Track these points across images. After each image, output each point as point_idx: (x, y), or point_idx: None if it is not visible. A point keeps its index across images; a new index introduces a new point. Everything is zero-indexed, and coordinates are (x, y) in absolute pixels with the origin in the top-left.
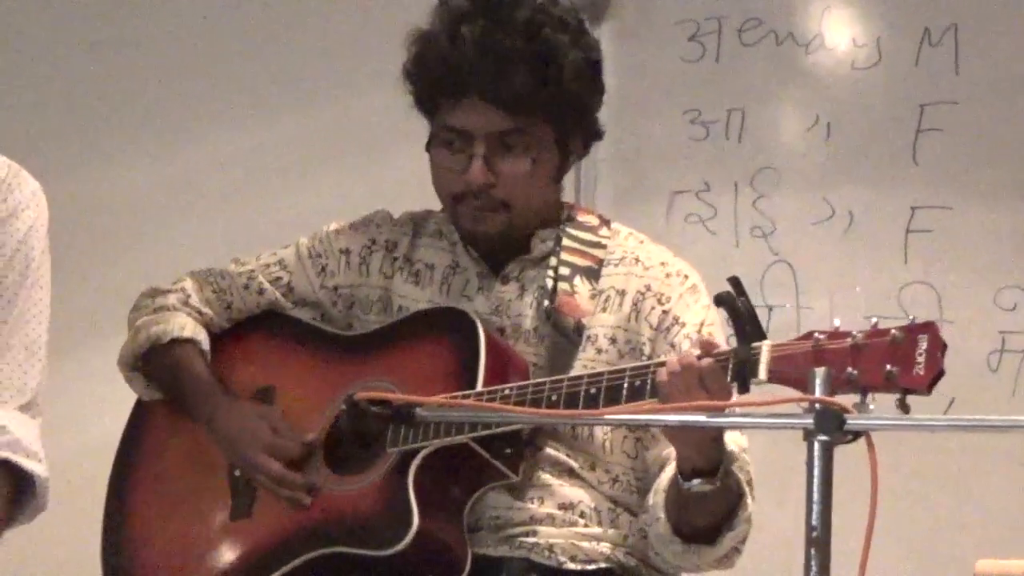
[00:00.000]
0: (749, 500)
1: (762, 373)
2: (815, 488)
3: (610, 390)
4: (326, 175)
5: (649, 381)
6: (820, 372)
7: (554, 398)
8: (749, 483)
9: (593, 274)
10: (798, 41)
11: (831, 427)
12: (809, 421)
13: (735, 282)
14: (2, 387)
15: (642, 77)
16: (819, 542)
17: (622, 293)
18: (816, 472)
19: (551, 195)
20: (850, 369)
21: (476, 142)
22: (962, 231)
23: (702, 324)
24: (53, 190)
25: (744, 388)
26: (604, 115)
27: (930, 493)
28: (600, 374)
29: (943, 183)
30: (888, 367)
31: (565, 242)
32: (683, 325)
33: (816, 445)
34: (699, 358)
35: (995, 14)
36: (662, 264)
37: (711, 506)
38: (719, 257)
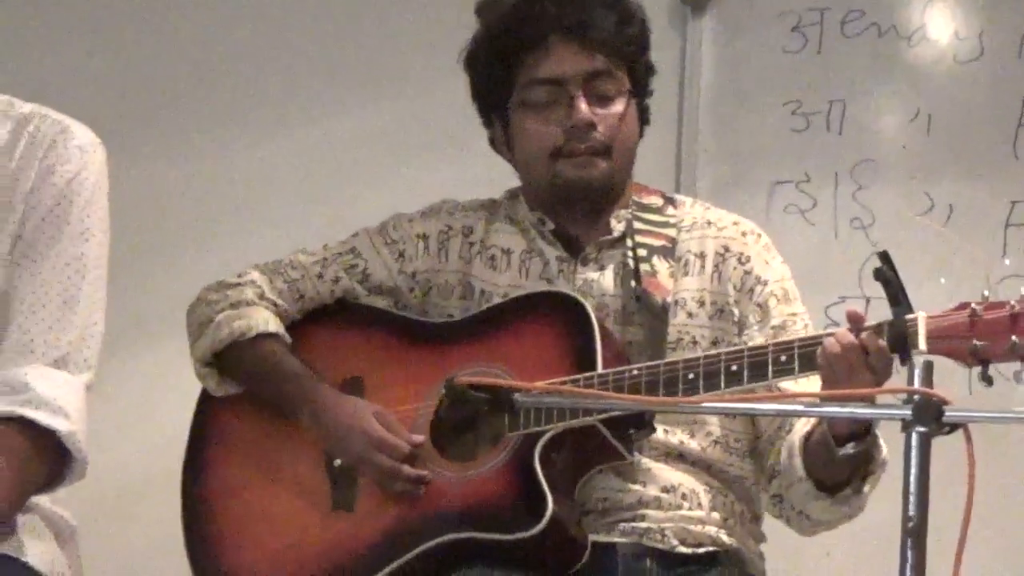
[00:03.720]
0: (882, 444)
1: (922, 343)
2: (912, 479)
3: (708, 375)
4: (391, 169)
5: (746, 366)
6: (920, 362)
7: (687, 377)
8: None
9: (669, 253)
10: (900, 33)
11: (929, 419)
12: (908, 412)
13: (885, 256)
14: (34, 341)
15: (744, 68)
16: (916, 533)
17: (701, 256)
18: (913, 463)
19: (634, 153)
20: (1014, 338)
21: (571, 85)
22: None
23: (782, 280)
24: (123, 183)
25: (905, 359)
26: (705, 106)
27: None
28: (704, 357)
29: None
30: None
31: (637, 225)
32: (765, 284)
33: (914, 436)
34: (856, 334)
35: None
36: (735, 224)
37: (858, 462)
38: (818, 248)
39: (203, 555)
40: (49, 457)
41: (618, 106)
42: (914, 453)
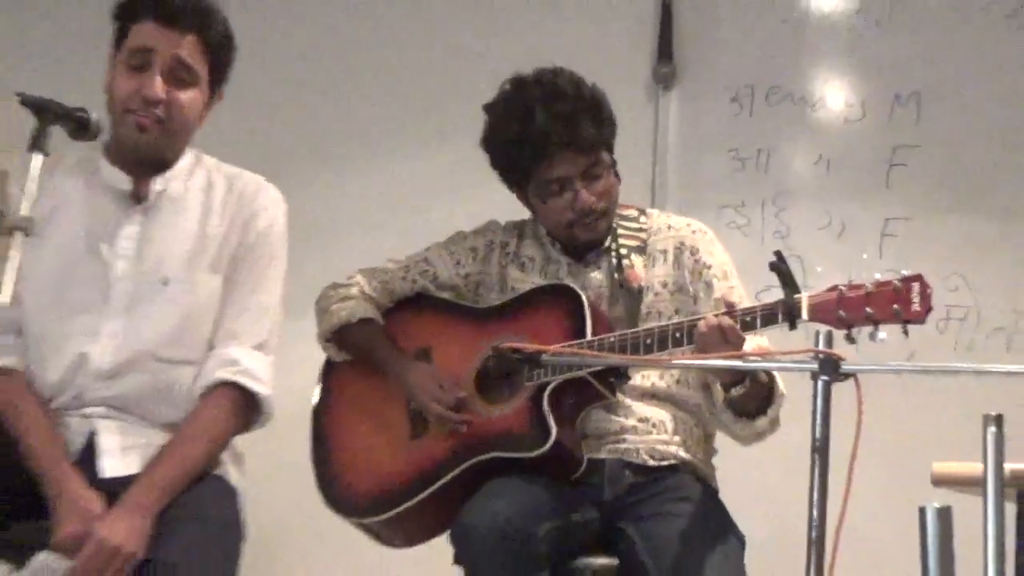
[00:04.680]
0: (779, 381)
1: (805, 315)
2: (818, 413)
3: (663, 338)
4: (451, 197)
5: (686, 332)
6: (823, 330)
7: (646, 342)
8: (775, 376)
9: (642, 250)
10: (807, 102)
11: (830, 370)
12: (814, 366)
13: (779, 255)
14: (243, 331)
15: (698, 126)
16: (821, 451)
17: (664, 252)
18: (819, 402)
19: (614, 193)
20: (868, 309)
21: (574, 179)
22: (921, 235)
23: (722, 264)
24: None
25: (793, 326)
26: (671, 152)
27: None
28: (661, 326)
29: (907, 201)
30: (894, 306)
31: (620, 232)
32: (709, 267)
33: (820, 383)
34: (725, 315)
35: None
36: (687, 225)
37: (752, 396)
38: (751, 253)
39: (323, 468)
40: (249, 410)
41: (605, 180)
42: (820, 395)
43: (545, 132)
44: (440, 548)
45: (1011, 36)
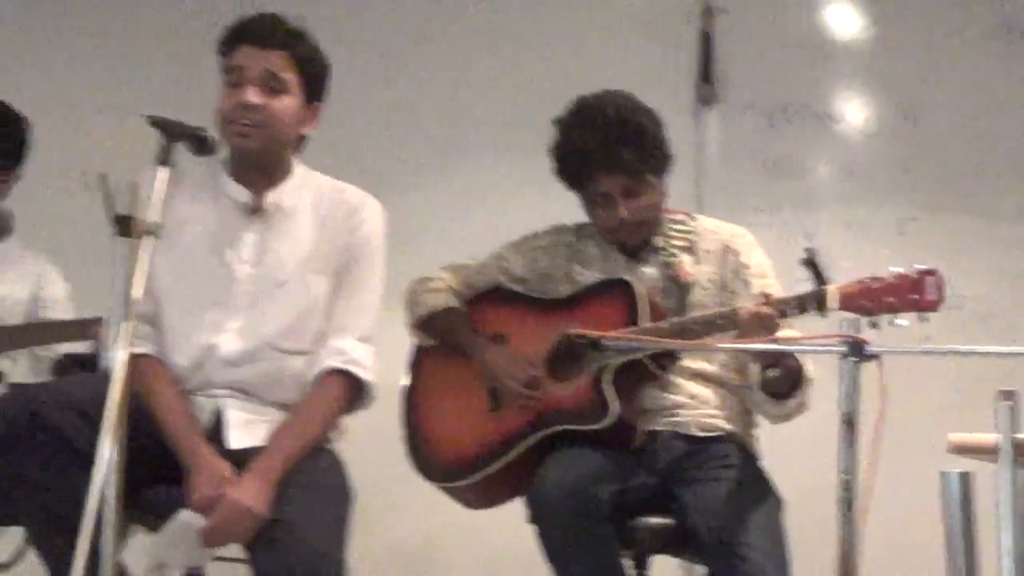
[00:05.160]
0: (808, 368)
1: (834, 304)
2: (845, 390)
3: (709, 325)
4: (525, 201)
5: (731, 320)
6: (850, 317)
7: (694, 328)
8: (804, 364)
9: (689, 249)
10: (831, 118)
11: (857, 352)
12: (843, 348)
13: (810, 251)
14: (350, 325)
15: (735, 139)
16: (849, 422)
17: (709, 252)
18: (846, 381)
19: (658, 212)
20: (889, 298)
21: (616, 197)
22: (930, 232)
23: (760, 264)
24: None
25: (823, 314)
26: (711, 163)
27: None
28: (705, 316)
29: (918, 203)
30: (911, 295)
31: (670, 233)
32: (748, 267)
33: (847, 363)
34: (763, 304)
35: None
36: (730, 230)
37: (784, 380)
38: (782, 249)
39: (413, 439)
40: (356, 393)
41: (647, 197)
42: (847, 375)
43: (588, 153)
44: (515, 510)
45: (993, 54)
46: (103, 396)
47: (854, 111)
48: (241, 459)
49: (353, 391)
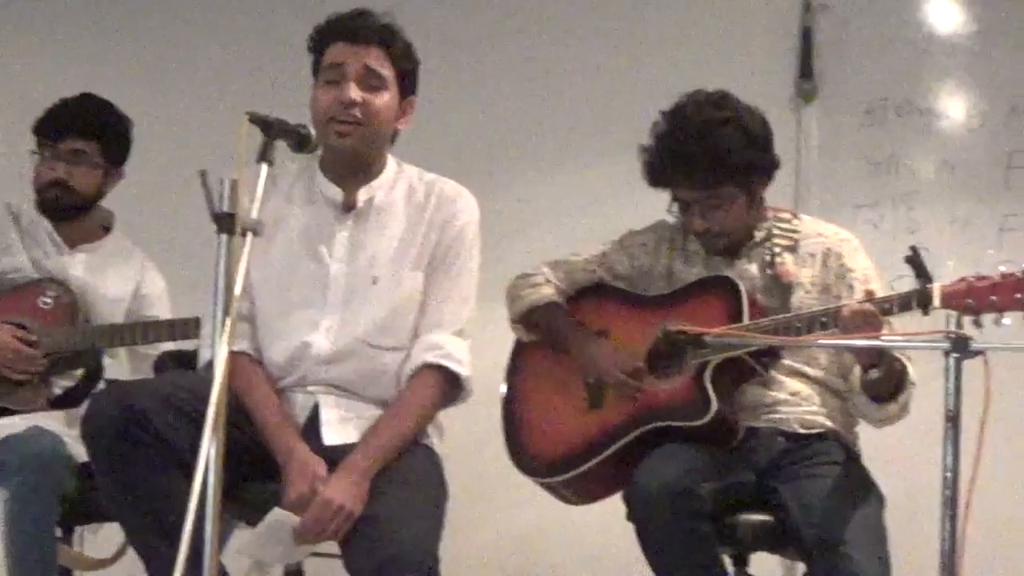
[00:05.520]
0: (911, 371)
1: (937, 302)
2: (950, 386)
3: (811, 323)
4: (623, 201)
5: (833, 317)
6: (955, 315)
7: (796, 326)
8: (907, 366)
9: (793, 249)
10: (933, 113)
11: (961, 348)
12: (947, 344)
13: (914, 249)
14: (445, 320)
15: (836, 135)
16: (953, 420)
17: (813, 255)
18: (951, 377)
19: (751, 216)
20: (993, 297)
21: (693, 206)
22: None
23: (863, 268)
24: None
25: (926, 312)
26: (812, 158)
27: None
28: (808, 313)
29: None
30: (1017, 294)
31: (774, 231)
32: (852, 271)
33: (951, 359)
34: (866, 301)
35: None
36: (835, 233)
37: (886, 381)
38: (884, 246)
39: (512, 434)
40: (452, 389)
41: (726, 209)
42: (951, 371)
43: (664, 164)
44: (614, 507)
45: None
46: (199, 393)
47: (956, 106)
48: (337, 456)
49: (449, 386)
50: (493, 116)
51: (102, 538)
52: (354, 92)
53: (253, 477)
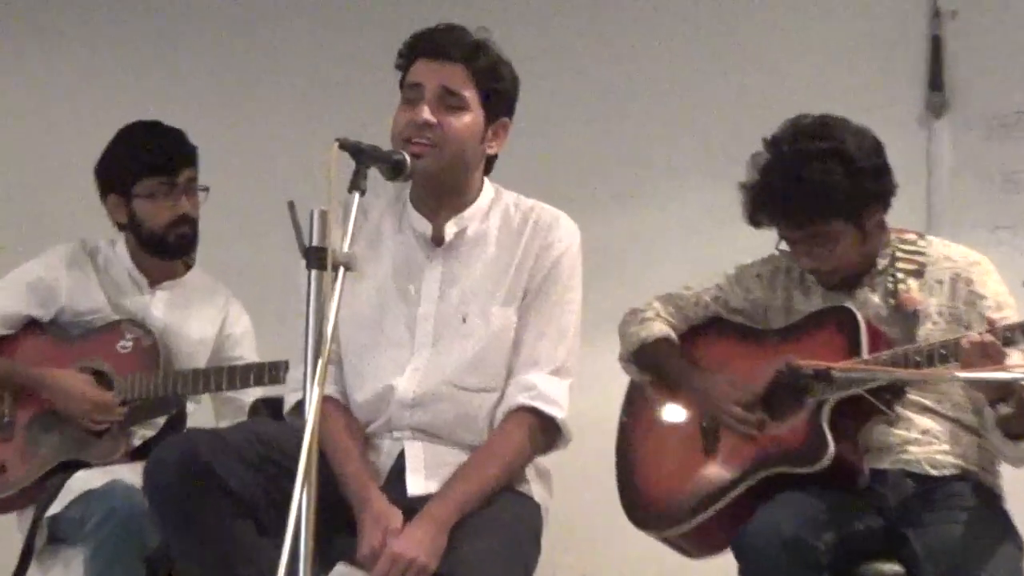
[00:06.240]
0: None
1: None
2: None
3: (931, 355)
4: (730, 231)
5: (952, 349)
6: None
7: (915, 359)
8: None
9: (918, 274)
10: None
11: None
12: None
13: None
14: (541, 358)
15: (969, 151)
16: None
17: (941, 282)
18: None
19: (869, 246)
20: None
21: (797, 244)
22: None
23: (996, 295)
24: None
25: None
26: (944, 173)
27: None
28: (927, 346)
29: None
30: None
31: (898, 255)
32: (984, 298)
33: None
34: (987, 332)
35: None
36: (964, 257)
37: (1018, 416)
38: (1014, 270)
39: (626, 486)
40: (548, 434)
41: (834, 246)
42: None
43: (758, 202)
44: (724, 560)
45: None
46: (275, 442)
47: None
48: (421, 507)
49: (543, 430)
50: (596, 136)
51: None
52: (427, 113)
53: (338, 529)
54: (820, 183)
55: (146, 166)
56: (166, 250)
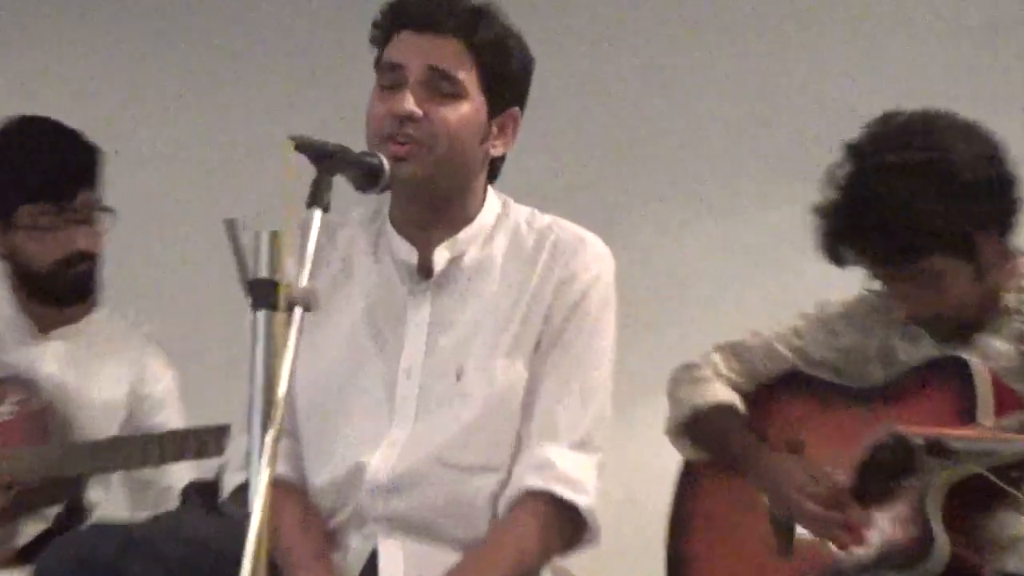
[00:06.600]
0: None
1: None
2: None
3: None
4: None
5: None
6: None
7: None
8: None
9: None
10: None
11: None
12: None
13: None
14: (560, 427)
15: None
16: None
17: None
18: None
19: (988, 281)
20: None
21: (887, 284)
22: None
23: None
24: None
25: None
26: None
27: None
28: None
29: None
30: None
31: None
32: None
33: None
34: None
35: None
36: None
37: None
38: None
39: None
40: (569, 526)
41: (934, 289)
42: None
43: (831, 233)
44: None
45: None
46: (208, 540)
47: None
48: None
49: (563, 521)
50: (632, 141)
51: None
52: (411, 102)
53: None
54: (906, 211)
55: (26, 189)
56: (53, 295)
